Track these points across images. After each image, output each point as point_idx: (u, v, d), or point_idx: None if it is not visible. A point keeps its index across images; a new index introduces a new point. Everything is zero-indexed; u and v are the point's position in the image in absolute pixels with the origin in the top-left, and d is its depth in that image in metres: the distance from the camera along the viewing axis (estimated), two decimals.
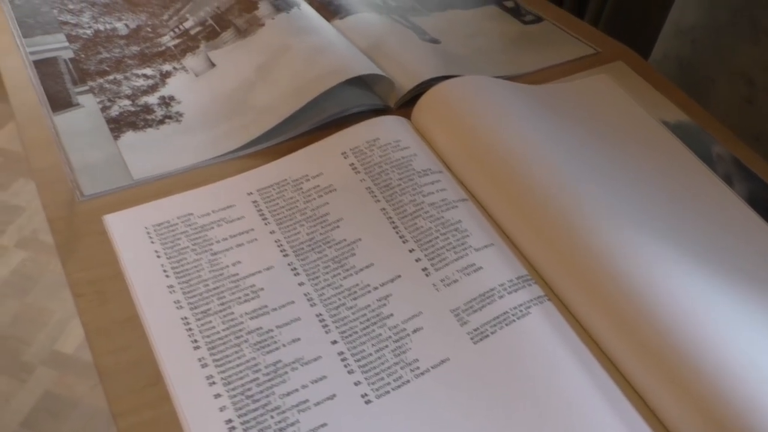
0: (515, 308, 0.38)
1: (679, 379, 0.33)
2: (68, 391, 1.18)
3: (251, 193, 0.43)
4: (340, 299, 0.38)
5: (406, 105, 0.51)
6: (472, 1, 0.68)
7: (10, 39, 0.53)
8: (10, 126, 1.74)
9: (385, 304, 0.38)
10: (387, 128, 0.47)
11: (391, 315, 0.37)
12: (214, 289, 0.37)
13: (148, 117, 0.47)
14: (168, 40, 0.55)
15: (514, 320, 0.37)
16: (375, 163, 0.44)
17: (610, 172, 0.47)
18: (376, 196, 0.43)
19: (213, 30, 0.55)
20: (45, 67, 0.51)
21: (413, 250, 0.40)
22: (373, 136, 0.46)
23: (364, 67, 0.48)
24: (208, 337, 0.35)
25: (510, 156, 0.44)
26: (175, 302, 0.36)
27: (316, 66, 0.48)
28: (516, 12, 0.67)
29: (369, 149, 0.45)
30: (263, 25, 0.53)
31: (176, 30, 0.56)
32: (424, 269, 0.39)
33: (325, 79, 0.47)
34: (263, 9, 0.55)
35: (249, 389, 0.33)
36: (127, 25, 0.57)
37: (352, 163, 0.45)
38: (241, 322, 0.36)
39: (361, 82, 0.50)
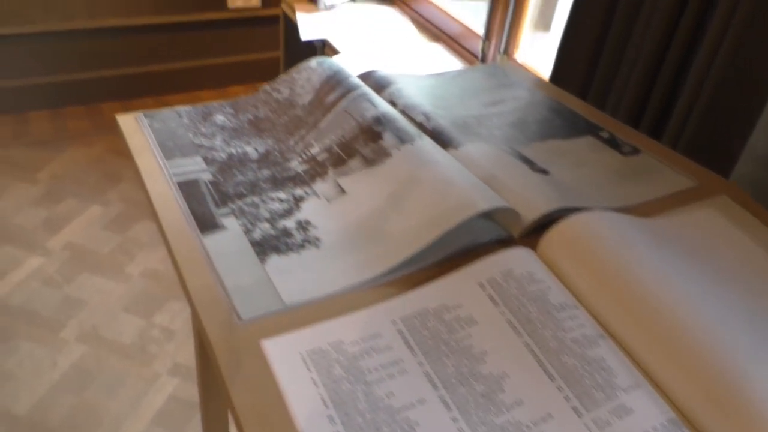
0: None
1: None
2: None
3: (395, 321, 0.44)
4: None
5: (526, 234, 0.53)
6: (569, 131, 0.71)
7: (153, 161, 0.58)
8: (78, 221, 1.81)
9: None
10: (518, 260, 0.48)
11: None
12: (371, 420, 0.38)
13: (289, 241, 0.50)
14: (297, 165, 0.59)
15: None
16: (512, 295, 0.46)
17: (743, 310, 0.47)
18: (517, 329, 0.44)
19: (339, 157, 0.59)
20: (188, 189, 0.54)
21: (561, 388, 0.41)
22: (506, 267, 0.48)
23: (493, 200, 0.51)
24: None
25: (648, 293, 0.45)
26: None
27: (447, 198, 0.51)
28: (613, 143, 0.70)
29: (505, 281, 0.47)
30: (390, 155, 0.57)
31: (303, 155, 0.60)
32: (575, 408, 0.40)
33: (459, 211, 0.49)
34: (388, 140, 0.58)
35: None
36: (256, 150, 0.61)
37: (490, 295, 0.46)
38: None
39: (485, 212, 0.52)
